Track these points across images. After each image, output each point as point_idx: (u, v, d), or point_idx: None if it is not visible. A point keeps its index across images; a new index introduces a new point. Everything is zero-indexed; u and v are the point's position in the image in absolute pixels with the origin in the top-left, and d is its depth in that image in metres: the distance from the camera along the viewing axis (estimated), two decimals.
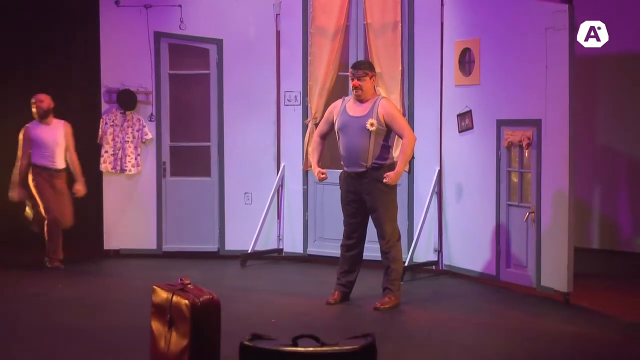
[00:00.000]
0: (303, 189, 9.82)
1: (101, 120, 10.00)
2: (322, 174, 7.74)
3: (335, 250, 8.40)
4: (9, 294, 8.17)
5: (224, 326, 5.51)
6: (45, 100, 9.46)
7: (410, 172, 9.25)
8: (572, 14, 7.60)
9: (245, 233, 9.85)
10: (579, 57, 7.88)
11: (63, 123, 9.54)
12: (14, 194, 9.46)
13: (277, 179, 9.88)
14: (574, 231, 7.81)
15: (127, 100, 9.93)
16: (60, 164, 9.45)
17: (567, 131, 7.69)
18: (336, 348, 4.93)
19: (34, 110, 9.44)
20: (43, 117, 9.44)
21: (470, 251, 8.83)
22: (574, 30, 7.64)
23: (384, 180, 7.48)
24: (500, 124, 8.41)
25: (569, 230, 7.71)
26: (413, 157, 9.01)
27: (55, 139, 9.42)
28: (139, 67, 9.95)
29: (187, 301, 5.38)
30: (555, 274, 7.85)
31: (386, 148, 7.59)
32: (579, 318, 7.36)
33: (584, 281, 8.15)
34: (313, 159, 7.88)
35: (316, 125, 9.37)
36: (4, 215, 11.09)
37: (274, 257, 10.00)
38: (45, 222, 9.36)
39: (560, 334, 6.89)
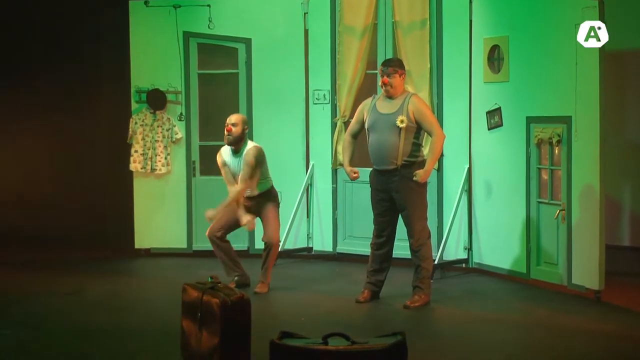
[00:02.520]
0: (332, 187, 9.82)
1: (131, 120, 10.04)
2: (355, 173, 7.74)
3: (364, 249, 8.40)
4: (40, 294, 8.22)
5: (254, 324, 5.54)
6: (238, 124, 8.02)
7: (440, 169, 9.22)
8: (602, 10, 7.56)
9: None
10: (607, 53, 7.82)
11: (251, 148, 8.07)
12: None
13: (307, 177, 9.88)
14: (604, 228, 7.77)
15: (156, 100, 9.96)
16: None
17: (597, 128, 7.64)
18: (366, 346, 4.93)
19: (225, 134, 8.08)
20: (232, 144, 8.07)
21: (500, 249, 8.79)
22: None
23: (414, 179, 7.47)
24: (530, 120, 8.37)
25: (600, 228, 7.66)
26: (442, 155, 8.99)
27: (238, 167, 8.12)
28: (169, 67, 9.99)
29: (217, 300, 5.40)
30: (586, 272, 7.80)
31: (416, 146, 7.57)
32: (610, 316, 7.32)
33: (614, 279, 8.10)
34: (345, 159, 7.88)
35: (345, 123, 9.39)
36: (29, 215, 11.21)
37: (304, 255, 10.02)
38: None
39: (592, 332, 6.85)
